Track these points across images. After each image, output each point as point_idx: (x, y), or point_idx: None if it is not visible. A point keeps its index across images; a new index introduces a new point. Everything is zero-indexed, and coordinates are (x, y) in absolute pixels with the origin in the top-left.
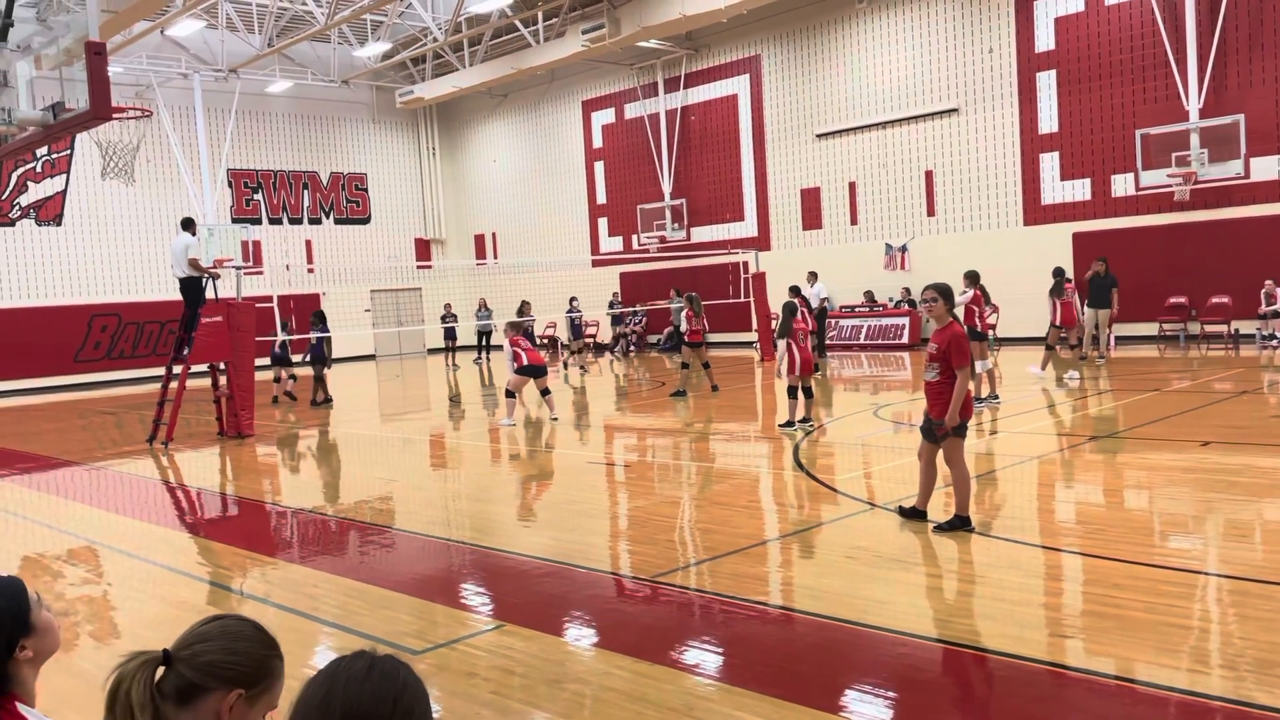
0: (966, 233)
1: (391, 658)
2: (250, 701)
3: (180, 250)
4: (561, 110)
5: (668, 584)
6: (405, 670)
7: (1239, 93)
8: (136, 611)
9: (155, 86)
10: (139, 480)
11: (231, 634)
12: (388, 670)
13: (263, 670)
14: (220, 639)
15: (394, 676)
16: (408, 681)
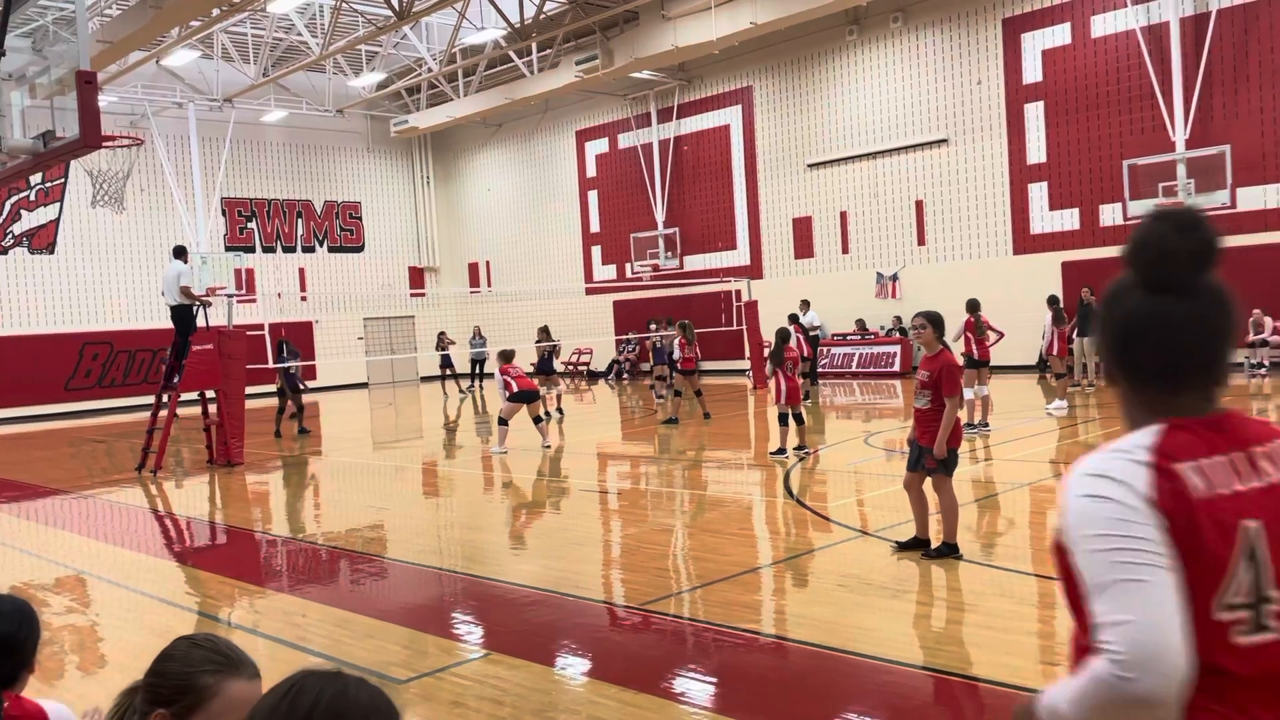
0: (956, 262)
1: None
2: (178, 718)
3: (173, 278)
4: (555, 140)
5: (658, 612)
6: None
7: (1224, 124)
8: (122, 641)
9: (150, 115)
10: (127, 509)
11: (162, 656)
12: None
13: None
14: (158, 662)
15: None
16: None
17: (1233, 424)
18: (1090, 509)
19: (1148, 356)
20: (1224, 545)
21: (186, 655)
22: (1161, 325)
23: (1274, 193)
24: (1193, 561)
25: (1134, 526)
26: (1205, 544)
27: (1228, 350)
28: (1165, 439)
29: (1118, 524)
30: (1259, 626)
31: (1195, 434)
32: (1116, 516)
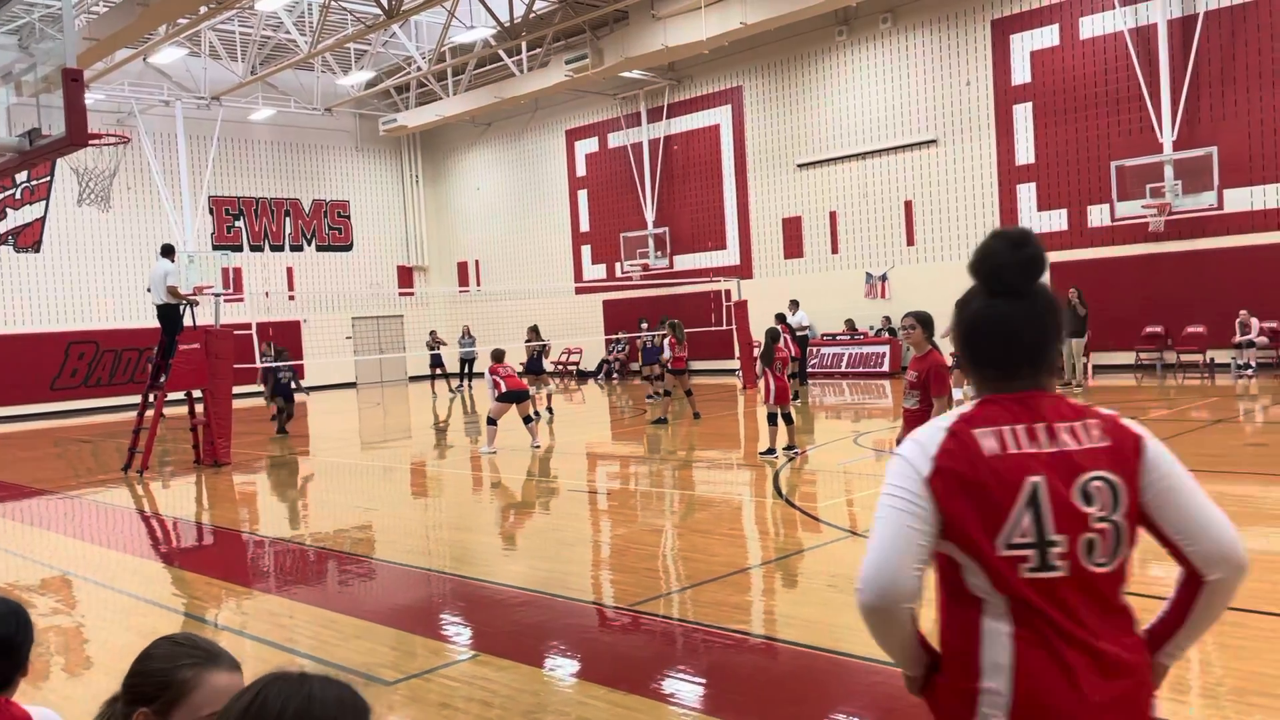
0: (945, 262)
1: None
2: (161, 715)
3: (159, 277)
4: (545, 139)
5: (647, 613)
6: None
7: (1212, 125)
8: (108, 642)
9: (137, 113)
10: (113, 509)
11: (142, 656)
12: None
13: (164, 683)
14: (136, 663)
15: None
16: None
17: (1043, 401)
18: (891, 464)
19: (987, 347)
20: (1006, 494)
21: (165, 653)
22: (998, 322)
23: (1260, 194)
24: (979, 504)
25: (908, 480)
26: (989, 492)
27: (1053, 343)
28: (976, 410)
29: (898, 476)
30: (1045, 565)
31: (1003, 406)
32: (900, 470)
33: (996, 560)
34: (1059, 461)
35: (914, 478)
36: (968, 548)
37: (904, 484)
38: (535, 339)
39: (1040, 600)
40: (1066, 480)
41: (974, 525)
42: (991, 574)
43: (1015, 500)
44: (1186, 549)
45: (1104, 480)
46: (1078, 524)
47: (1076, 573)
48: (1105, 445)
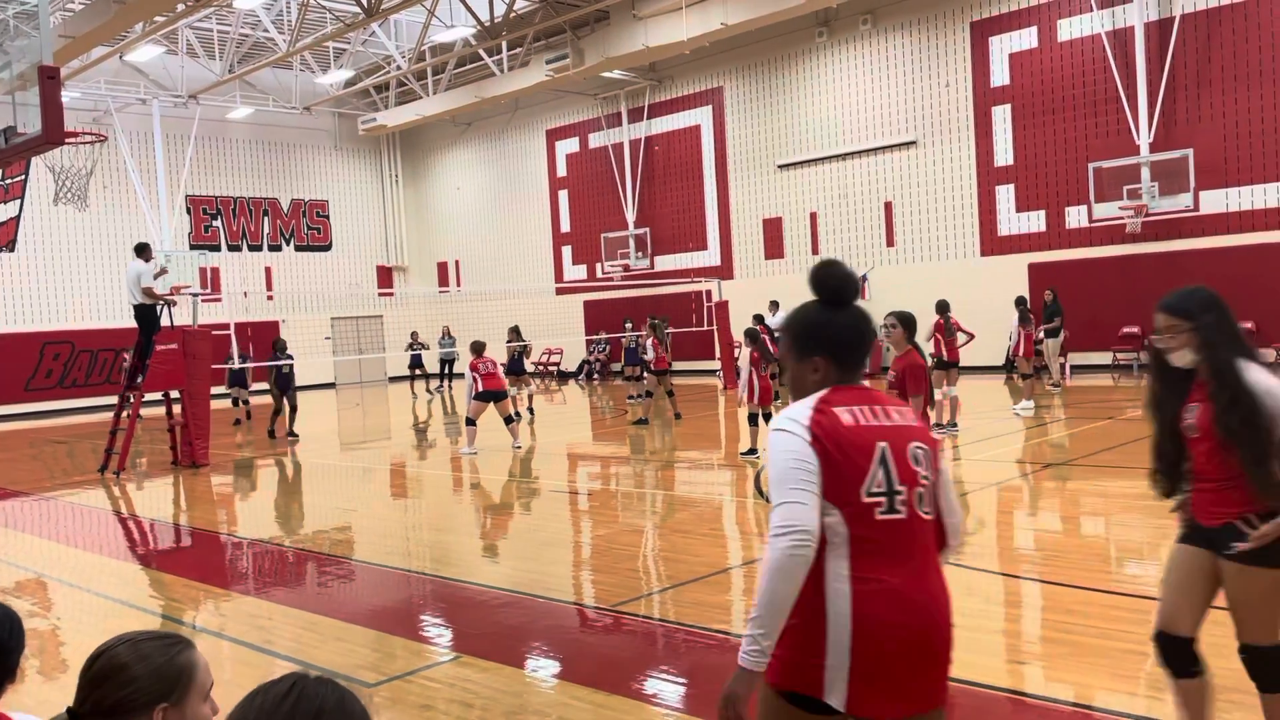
0: (925, 263)
1: (323, 680)
2: (178, 706)
3: (133, 278)
4: (525, 139)
5: (629, 613)
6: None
7: (1188, 127)
8: (85, 646)
9: (113, 112)
10: (90, 511)
11: (117, 666)
12: (309, 693)
13: (169, 676)
14: (113, 678)
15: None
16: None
17: (872, 392)
18: (778, 439)
19: (829, 346)
20: (864, 456)
21: (149, 653)
22: (838, 326)
23: (1235, 196)
24: (844, 464)
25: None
26: (850, 454)
27: (869, 345)
28: (830, 394)
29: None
30: (892, 509)
31: (850, 392)
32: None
33: (861, 505)
34: (895, 432)
35: (801, 443)
36: (838, 497)
37: (794, 448)
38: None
39: (887, 537)
40: (902, 446)
41: (844, 479)
42: (853, 517)
43: (871, 459)
44: (946, 520)
45: (923, 449)
46: (912, 479)
47: (911, 517)
48: (918, 425)
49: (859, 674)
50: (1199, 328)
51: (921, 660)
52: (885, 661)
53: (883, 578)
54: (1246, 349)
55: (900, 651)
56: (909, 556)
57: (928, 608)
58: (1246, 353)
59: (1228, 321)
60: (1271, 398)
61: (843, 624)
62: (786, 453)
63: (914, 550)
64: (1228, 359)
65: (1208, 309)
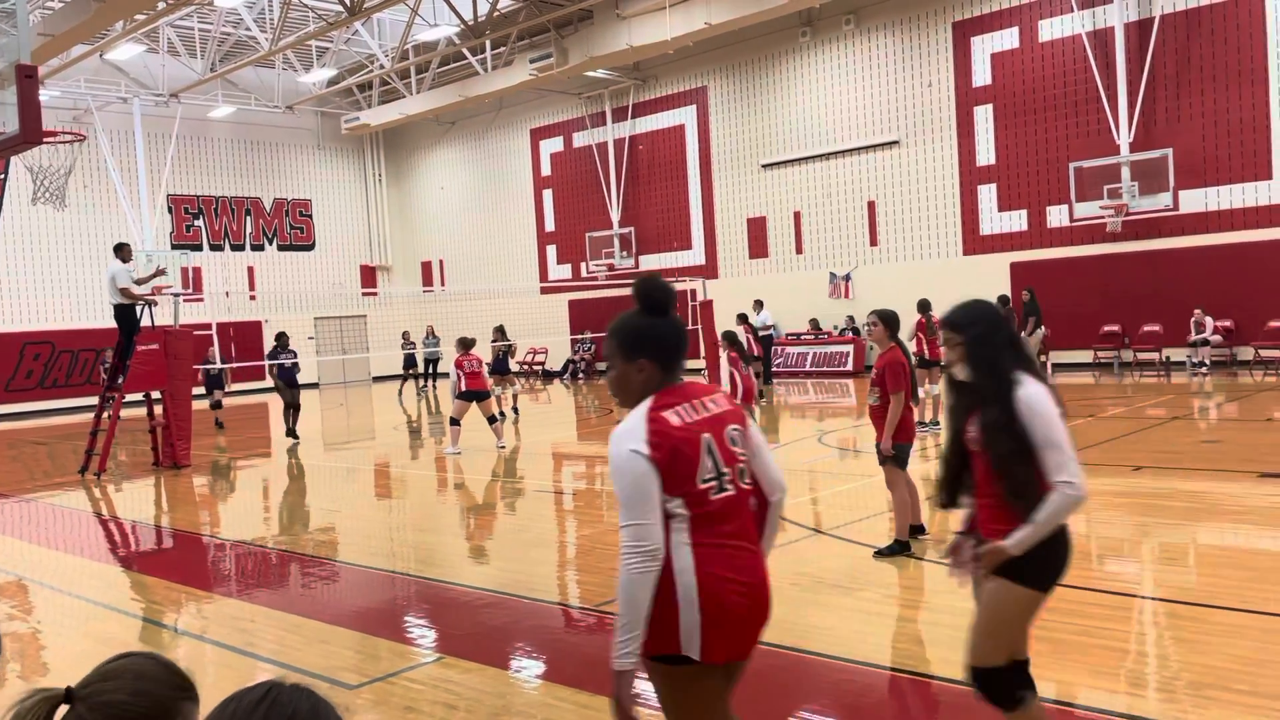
0: (908, 262)
1: (298, 688)
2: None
3: (111, 278)
4: (509, 138)
5: (612, 613)
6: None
7: (1167, 127)
8: (65, 649)
9: (94, 110)
10: (70, 512)
11: (136, 673)
12: (282, 700)
13: (165, 712)
14: (125, 678)
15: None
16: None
17: (689, 387)
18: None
19: (653, 349)
20: (694, 450)
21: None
22: (660, 331)
23: (1214, 195)
24: (680, 463)
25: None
26: (684, 451)
27: (686, 349)
28: (657, 400)
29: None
30: (721, 489)
31: (672, 394)
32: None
33: (698, 492)
34: (714, 421)
35: (644, 464)
36: (678, 489)
37: (639, 470)
38: (501, 339)
39: (719, 511)
40: (720, 433)
41: (681, 475)
42: (692, 501)
43: (700, 452)
44: (761, 477)
45: (737, 430)
46: (733, 459)
47: (738, 491)
48: (731, 408)
49: (708, 623)
50: (966, 341)
51: (752, 611)
52: (726, 612)
53: (719, 543)
54: (1016, 363)
55: (736, 603)
56: (737, 524)
57: (755, 567)
58: (1015, 367)
59: (998, 334)
60: (1033, 414)
61: (690, 586)
62: (633, 475)
63: (740, 518)
64: (990, 374)
65: (975, 322)
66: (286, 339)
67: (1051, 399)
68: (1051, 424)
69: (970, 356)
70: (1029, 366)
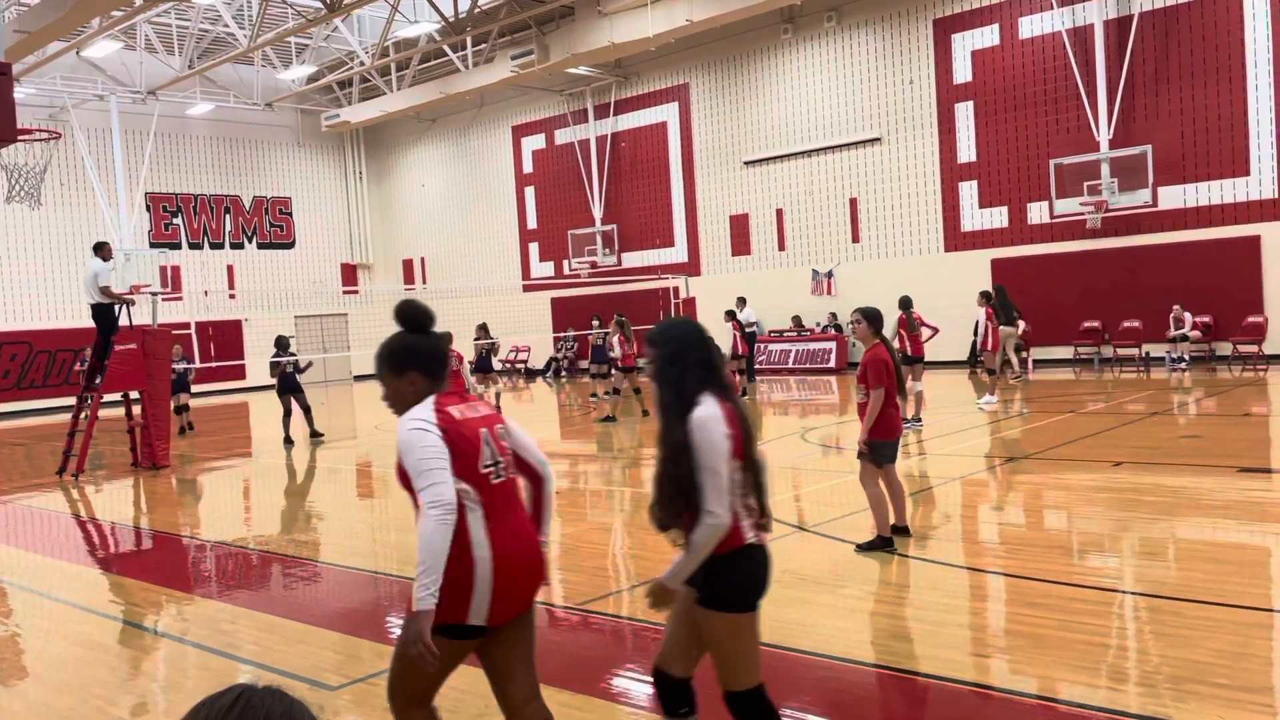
0: (890, 258)
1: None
2: None
3: (91, 276)
4: (491, 135)
5: (597, 612)
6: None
7: (1146, 124)
8: (44, 652)
9: (70, 108)
10: (48, 514)
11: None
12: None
13: None
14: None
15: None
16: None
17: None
18: (416, 435)
19: (420, 362)
20: (475, 440)
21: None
22: (425, 347)
23: (1193, 192)
24: (465, 448)
25: (431, 439)
26: (468, 439)
27: (448, 361)
28: (440, 399)
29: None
30: (499, 474)
31: (449, 397)
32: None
33: (481, 476)
34: (486, 420)
35: (434, 437)
36: (465, 473)
37: (430, 441)
38: (484, 337)
39: (499, 495)
40: (493, 429)
41: (467, 459)
42: (479, 486)
43: (479, 443)
44: (529, 459)
45: (503, 427)
46: (504, 451)
47: (509, 479)
48: (494, 411)
49: (498, 594)
50: (657, 358)
51: (532, 575)
52: (513, 580)
53: (505, 523)
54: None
55: (523, 572)
56: (513, 505)
57: (531, 539)
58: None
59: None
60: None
61: (485, 564)
62: (425, 446)
63: (514, 500)
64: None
65: (670, 340)
66: (287, 341)
67: (725, 422)
68: (710, 450)
69: (658, 374)
70: (719, 388)
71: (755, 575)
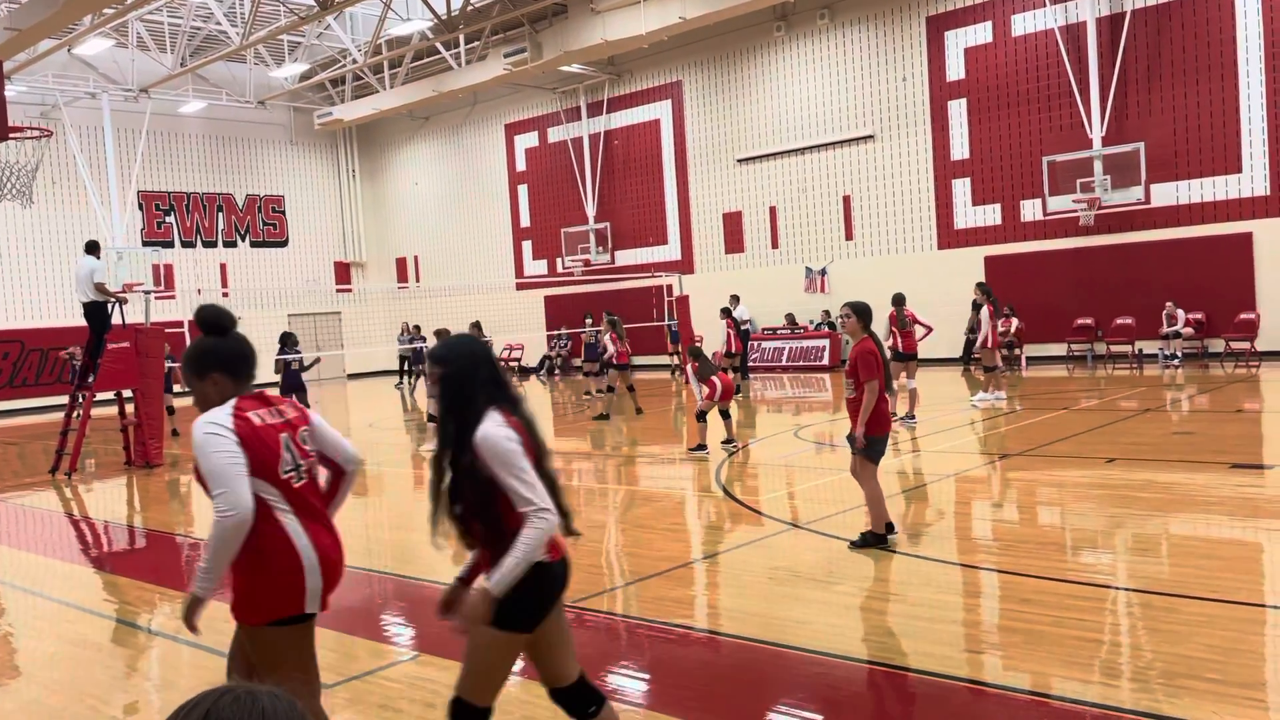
0: (883, 256)
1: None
2: None
3: (85, 274)
4: (484, 133)
5: (590, 609)
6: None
7: (1139, 121)
8: (36, 651)
9: (62, 106)
10: (40, 513)
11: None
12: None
13: None
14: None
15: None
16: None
17: (265, 395)
18: (210, 440)
19: (222, 363)
20: (275, 445)
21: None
22: (226, 348)
23: (1185, 189)
24: (264, 453)
25: (227, 443)
26: (267, 445)
27: (254, 362)
28: (240, 403)
29: (220, 442)
30: (300, 477)
31: (251, 400)
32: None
33: (283, 480)
34: (289, 425)
35: (230, 442)
36: (267, 477)
37: (226, 447)
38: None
39: (303, 498)
40: (295, 434)
41: (266, 464)
42: (283, 489)
43: (279, 447)
44: (336, 456)
45: (308, 430)
46: (306, 455)
47: (311, 480)
48: (297, 415)
49: (326, 584)
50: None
51: (339, 567)
52: (331, 572)
53: (314, 521)
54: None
55: (335, 564)
56: (319, 504)
57: (336, 535)
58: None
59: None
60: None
61: (311, 557)
62: (219, 451)
63: (318, 499)
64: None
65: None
66: (294, 339)
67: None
68: (504, 455)
69: (443, 393)
70: (508, 402)
71: (540, 595)
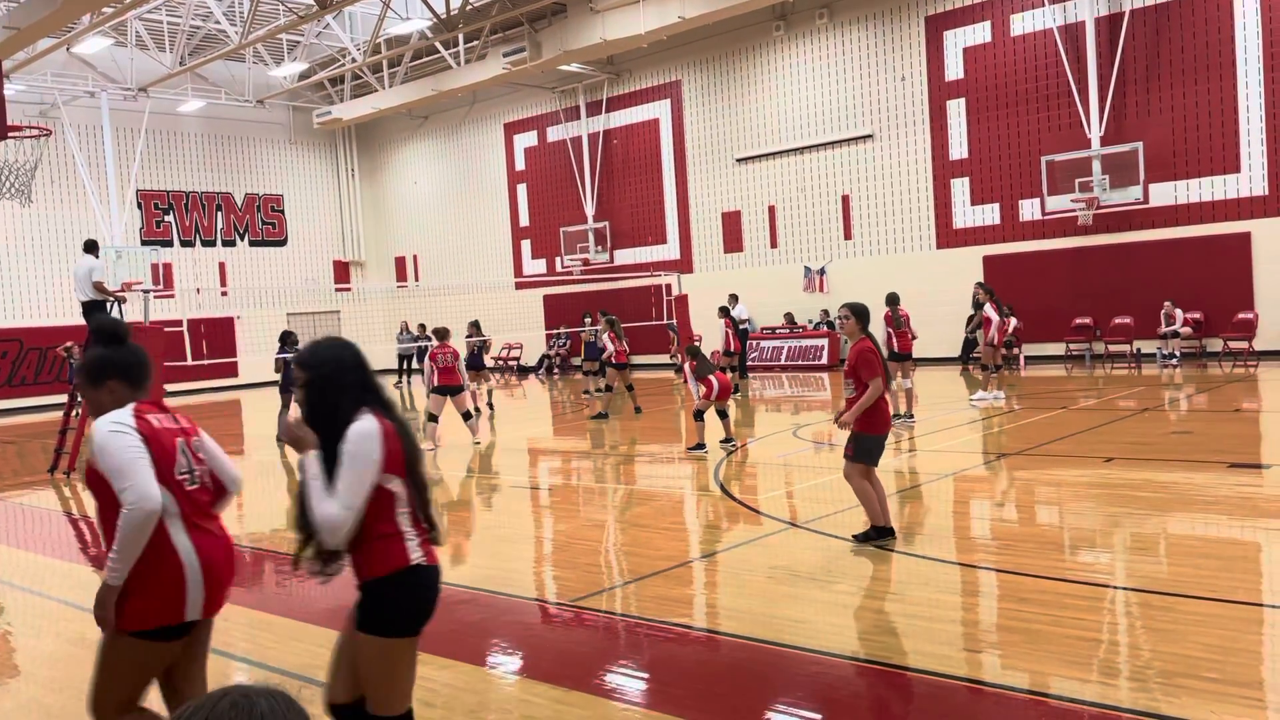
0: (882, 256)
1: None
2: None
3: (84, 273)
4: (483, 132)
5: (589, 608)
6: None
7: (1138, 121)
8: (36, 650)
9: (60, 105)
10: (39, 512)
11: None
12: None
13: None
14: None
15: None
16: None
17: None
18: (114, 438)
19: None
20: (172, 448)
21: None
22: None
23: (1184, 188)
24: (162, 455)
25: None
26: (165, 447)
27: (150, 370)
28: (139, 408)
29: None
30: (193, 481)
31: (150, 406)
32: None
33: (177, 482)
34: (184, 431)
35: (135, 439)
36: (161, 478)
37: (131, 443)
38: (476, 334)
39: (192, 501)
40: (189, 440)
41: (163, 466)
42: (176, 492)
43: (175, 451)
44: (222, 475)
45: (198, 440)
46: (200, 461)
47: (202, 484)
48: (190, 425)
49: (209, 591)
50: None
51: (228, 575)
52: (215, 579)
53: (203, 527)
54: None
55: (222, 571)
56: (209, 511)
57: (227, 543)
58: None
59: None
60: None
61: (194, 563)
62: (126, 446)
63: (209, 507)
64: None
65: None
66: (295, 337)
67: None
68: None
69: (307, 398)
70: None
71: (418, 598)
